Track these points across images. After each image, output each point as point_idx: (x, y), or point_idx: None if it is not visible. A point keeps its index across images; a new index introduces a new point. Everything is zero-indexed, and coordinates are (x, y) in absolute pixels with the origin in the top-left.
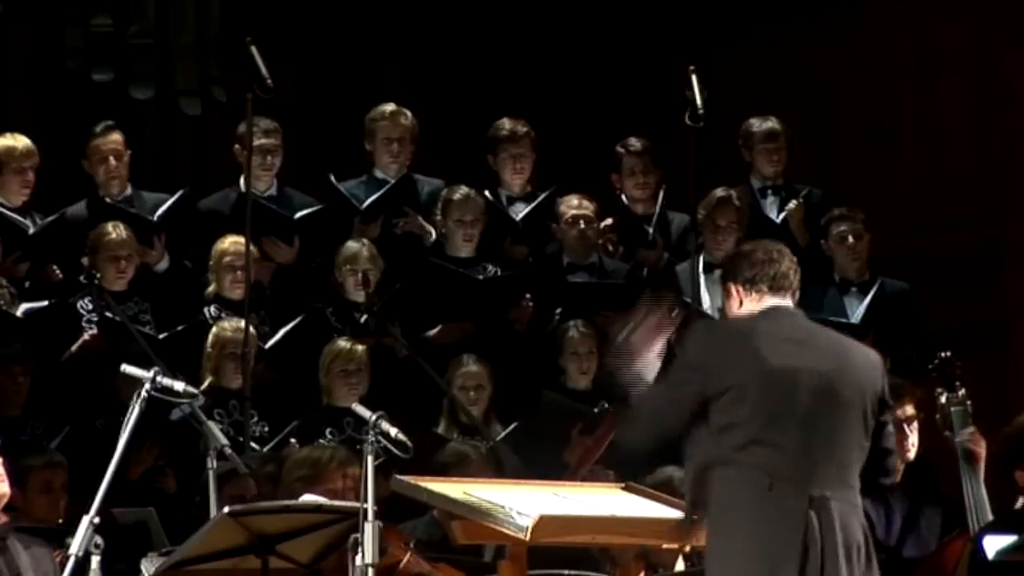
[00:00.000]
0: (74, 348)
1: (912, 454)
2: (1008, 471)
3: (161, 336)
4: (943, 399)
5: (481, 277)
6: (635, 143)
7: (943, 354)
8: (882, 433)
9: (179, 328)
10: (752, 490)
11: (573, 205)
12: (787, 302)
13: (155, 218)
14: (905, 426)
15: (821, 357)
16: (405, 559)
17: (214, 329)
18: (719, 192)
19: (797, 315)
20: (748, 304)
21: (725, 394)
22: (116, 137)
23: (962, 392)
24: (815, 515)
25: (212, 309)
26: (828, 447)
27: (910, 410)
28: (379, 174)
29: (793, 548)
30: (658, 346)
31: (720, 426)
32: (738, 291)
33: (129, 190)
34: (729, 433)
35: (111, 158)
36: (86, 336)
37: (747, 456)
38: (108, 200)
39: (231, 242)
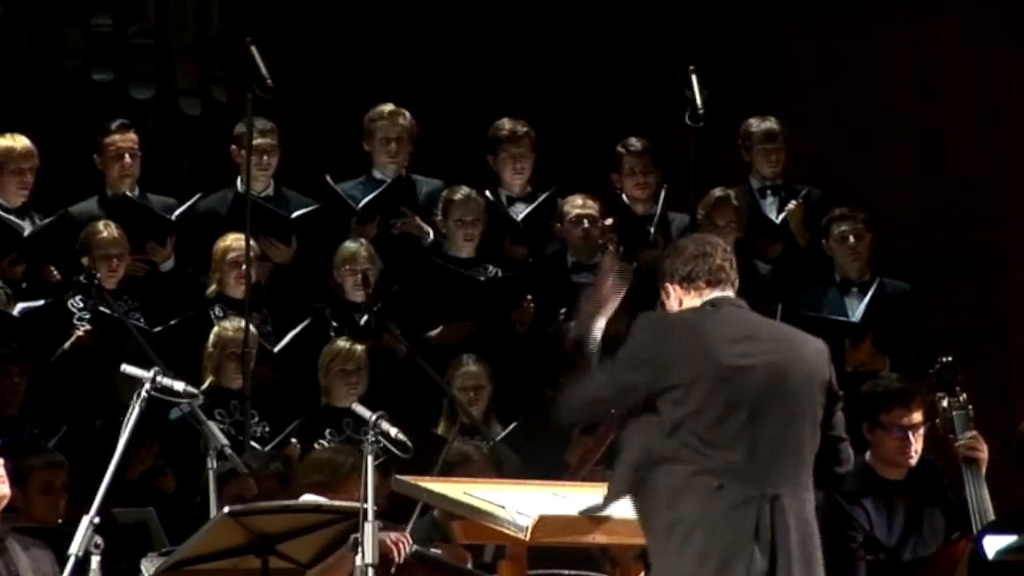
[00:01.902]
0: (67, 345)
1: (914, 461)
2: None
3: (155, 330)
4: (944, 403)
5: (483, 278)
6: (635, 143)
7: (944, 359)
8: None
9: (171, 323)
10: (701, 489)
11: (577, 204)
12: (728, 294)
13: (173, 217)
14: (910, 433)
15: (770, 351)
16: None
17: (215, 329)
18: (717, 192)
19: (742, 307)
20: (688, 302)
21: (674, 390)
22: (132, 135)
23: (963, 397)
24: (767, 514)
25: (216, 309)
26: (780, 444)
27: (918, 417)
28: (377, 174)
29: (742, 549)
30: (612, 306)
31: (667, 422)
32: (675, 290)
33: (136, 190)
34: (677, 430)
35: (127, 155)
36: (79, 332)
37: (695, 454)
38: (129, 195)
39: (234, 239)
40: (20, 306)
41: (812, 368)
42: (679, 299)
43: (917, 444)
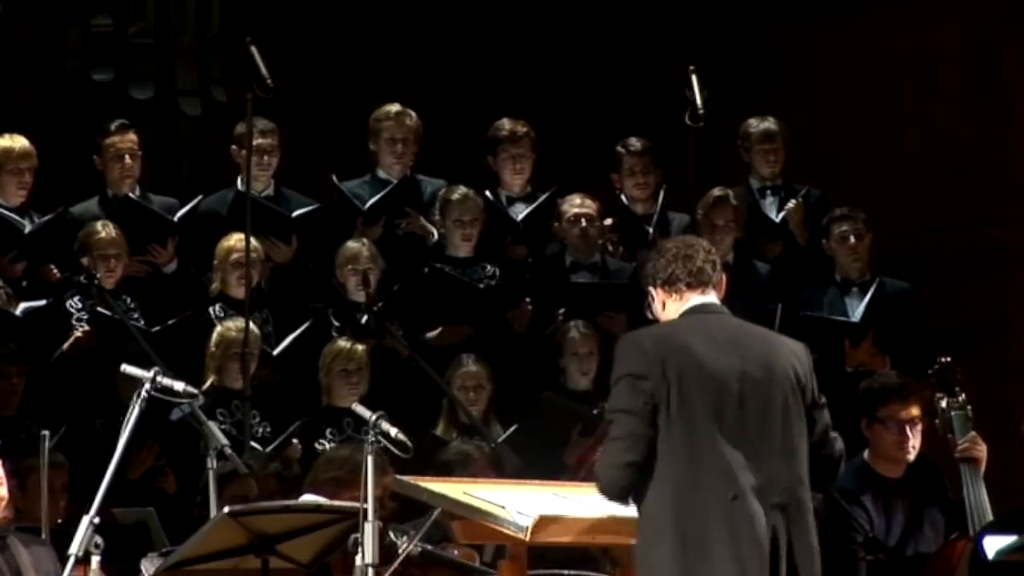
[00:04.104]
0: (65, 346)
1: (912, 456)
2: None
3: (154, 330)
4: (943, 404)
5: (482, 286)
6: (635, 143)
7: (943, 359)
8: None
9: (170, 322)
10: (714, 501)
11: (576, 204)
12: (710, 297)
13: (176, 219)
14: (908, 427)
15: (752, 358)
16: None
17: (218, 329)
18: (716, 191)
19: (723, 314)
20: (672, 304)
21: (669, 401)
22: (132, 136)
23: (962, 397)
24: (783, 523)
25: (217, 308)
26: (778, 450)
27: (915, 411)
28: (382, 174)
29: (764, 559)
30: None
31: (668, 433)
32: (658, 293)
33: (137, 191)
34: (670, 443)
35: (127, 156)
36: (78, 333)
37: (702, 464)
38: (131, 196)
39: (237, 239)
40: (23, 306)
41: (792, 373)
42: (662, 302)
43: (915, 439)
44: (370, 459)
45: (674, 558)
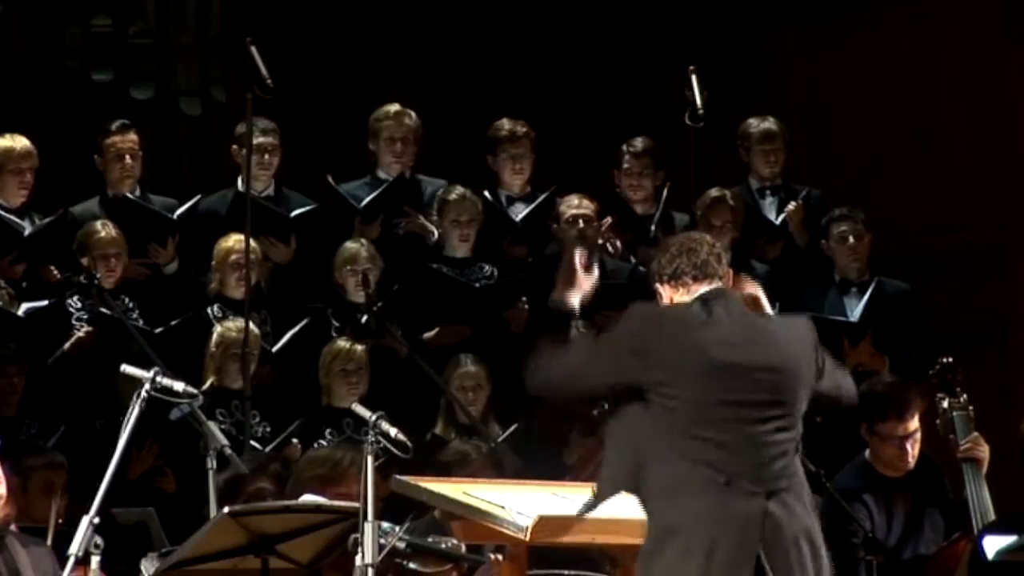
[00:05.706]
0: (67, 346)
1: (912, 464)
2: None
3: (156, 331)
4: (944, 404)
5: (479, 285)
6: (637, 144)
7: (944, 360)
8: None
9: (172, 323)
10: (707, 486)
11: (573, 204)
12: (717, 287)
13: (175, 217)
14: (907, 443)
15: (760, 349)
16: None
17: (218, 329)
18: (713, 192)
19: (734, 300)
20: (679, 299)
21: (664, 386)
22: (133, 136)
23: (964, 397)
24: (774, 511)
25: (215, 308)
26: (776, 440)
27: (913, 425)
28: (382, 174)
29: (750, 549)
30: (586, 283)
31: (660, 420)
32: (665, 289)
33: (137, 191)
34: (671, 428)
35: (127, 156)
36: (80, 333)
37: (691, 451)
38: (130, 196)
39: (235, 240)
40: (25, 306)
41: (801, 355)
42: (669, 297)
43: (913, 450)
44: (370, 459)
45: (671, 552)
